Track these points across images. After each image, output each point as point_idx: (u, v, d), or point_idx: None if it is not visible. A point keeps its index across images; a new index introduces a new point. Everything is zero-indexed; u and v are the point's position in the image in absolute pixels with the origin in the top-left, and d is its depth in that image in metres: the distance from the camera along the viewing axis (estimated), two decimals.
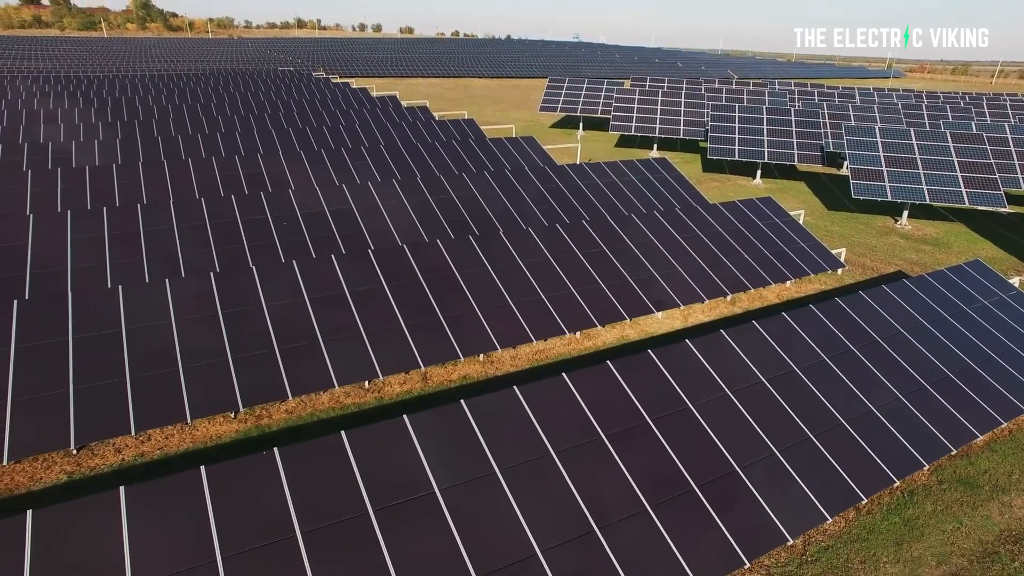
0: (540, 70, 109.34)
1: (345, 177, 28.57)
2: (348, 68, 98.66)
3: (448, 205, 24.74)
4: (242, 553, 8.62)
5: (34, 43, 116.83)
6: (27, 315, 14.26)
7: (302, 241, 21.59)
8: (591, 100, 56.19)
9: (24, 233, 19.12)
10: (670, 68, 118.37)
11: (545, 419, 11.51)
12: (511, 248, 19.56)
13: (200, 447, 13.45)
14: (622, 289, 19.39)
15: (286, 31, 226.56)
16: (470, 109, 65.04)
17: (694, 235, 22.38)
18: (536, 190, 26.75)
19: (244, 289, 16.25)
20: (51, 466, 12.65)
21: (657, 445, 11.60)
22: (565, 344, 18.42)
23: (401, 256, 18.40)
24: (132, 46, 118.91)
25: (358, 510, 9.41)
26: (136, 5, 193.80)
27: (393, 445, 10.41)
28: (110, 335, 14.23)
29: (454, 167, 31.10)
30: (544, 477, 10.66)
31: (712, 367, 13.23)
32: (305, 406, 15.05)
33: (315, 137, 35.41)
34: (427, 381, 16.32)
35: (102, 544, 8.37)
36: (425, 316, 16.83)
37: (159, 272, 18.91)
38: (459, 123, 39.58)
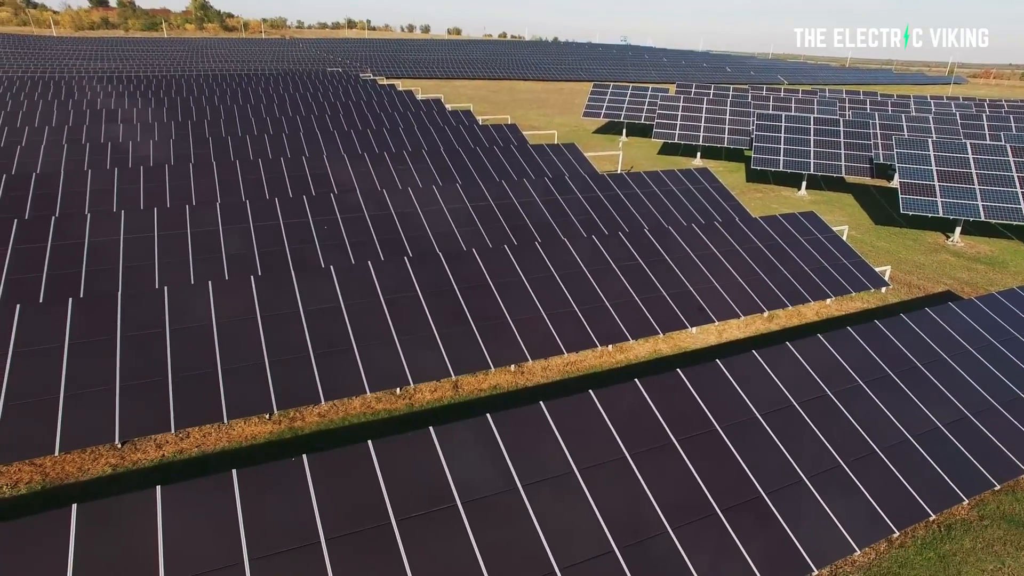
0: (586, 74, 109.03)
1: (387, 181, 29.04)
2: (395, 69, 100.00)
3: (486, 212, 24.93)
4: (268, 557, 8.91)
5: (101, 44, 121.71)
6: (80, 312, 14.95)
7: (341, 244, 22.05)
8: (635, 106, 55.83)
9: (82, 231, 20.01)
10: (718, 73, 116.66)
11: (570, 435, 11.55)
12: (546, 259, 19.63)
13: (235, 446, 13.89)
14: (656, 303, 19.27)
15: (336, 31, 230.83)
16: (514, 113, 65.28)
17: (732, 249, 22.08)
18: (575, 199, 26.75)
19: (283, 292, 16.70)
20: (97, 458, 13.25)
21: (682, 467, 11.54)
22: (597, 356, 18.40)
23: (436, 263, 18.64)
24: (190, 46, 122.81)
25: (381, 519, 9.62)
26: (195, 6, 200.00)
27: (418, 456, 10.59)
28: (155, 334, 14.82)
29: (495, 173, 31.30)
30: (567, 494, 10.71)
31: (742, 389, 13.07)
32: (337, 410, 15.39)
33: (359, 140, 36.07)
34: (458, 389, 16.51)
35: (138, 540, 8.76)
36: (457, 325, 17.03)
37: (203, 272, 19.56)
38: (501, 128, 39.80)
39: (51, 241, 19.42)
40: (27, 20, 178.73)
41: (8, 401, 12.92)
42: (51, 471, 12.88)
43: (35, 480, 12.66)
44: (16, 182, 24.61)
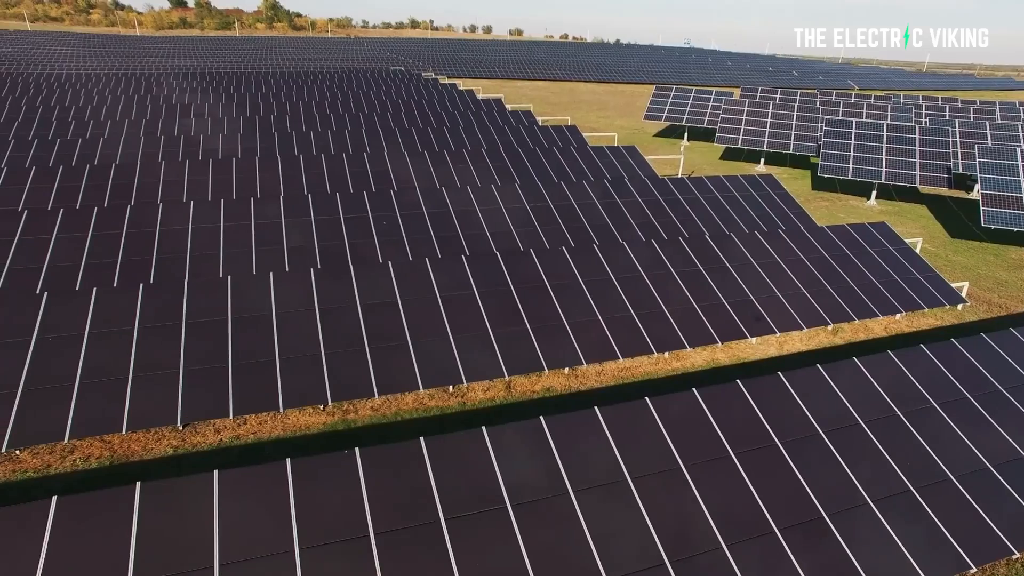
0: (648, 76, 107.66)
1: (446, 179, 29.25)
2: (456, 69, 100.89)
3: (545, 213, 24.81)
4: (318, 547, 9.01)
5: (179, 42, 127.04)
6: (150, 297, 15.53)
7: (399, 241, 22.29)
8: (698, 110, 54.77)
9: (154, 220, 20.82)
10: (784, 77, 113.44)
11: (624, 442, 11.32)
12: (604, 262, 19.37)
13: (290, 435, 14.17)
14: (716, 311, 18.77)
15: (400, 31, 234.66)
16: (574, 114, 64.96)
17: (796, 259, 21.34)
18: (634, 202, 26.36)
19: (341, 286, 16.97)
20: (160, 439, 13.73)
21: (739, 481, 11.16)
22: (652, 363, 18.06)
23: (493, 263, 18.62)
24: (260, 44, 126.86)
25: (430, 517, 9.61)
26: (266, 6, 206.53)
27: (470, 455, 10.55)
28: (217, 322, 15.26)
29: (554, 174, 31.14)
30: (618, 503, 10.49)
31: (805, 404, 12.57)
32: (390, 405, 15.53)
33: (420, 138, 36.46)
34: (511, 390, 16.44)
35: (196, 521, 8.99)
36: (513, 325, 16.96)
37: (265, 263, 20.07)
38: (561, 129, 39.60)
39: (126, 229, 20.27)
40: (115, 21, 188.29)
41: (83, 379, 13.52)
42: (118, 448, 13.41)
43: (104, 456, 13.20)
44: (98, 172, 25.82)
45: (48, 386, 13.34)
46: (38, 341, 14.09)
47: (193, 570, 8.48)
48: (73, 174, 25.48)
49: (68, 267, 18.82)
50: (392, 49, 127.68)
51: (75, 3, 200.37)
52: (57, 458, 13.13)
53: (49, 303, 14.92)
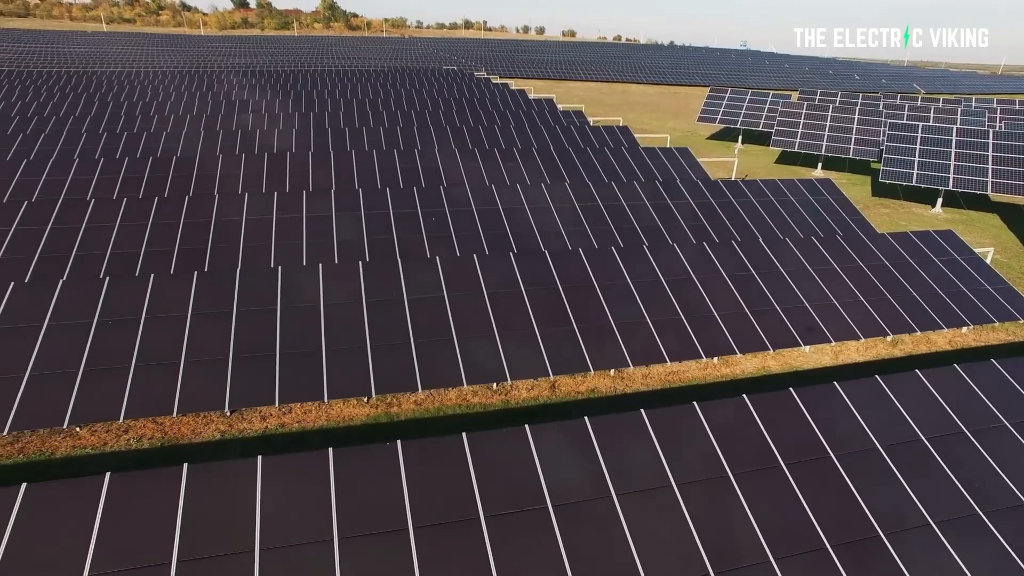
0: (701, 78, 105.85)
1: (495, 177, 29.23)
2: (508, 69, 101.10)
3: (594, 213, 24.54)
4: (357, 537, 9.00)
5: (240, 41, 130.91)
6: (203, 285, 15.91)
7: (448, 237, 22.34)
8: (753, 112, 53.51)
9: (210, 211, 21.38)
10: (845, 80, 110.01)
11: (670, 447, 11.02)
12: (654, 263, 19.01)
13: (333, 426, 14.31)
14: (768, 317, 18.20)
15: (453, 31, 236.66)
16: (626, 116, 64.30)
17: (855, 266, 20.54)
18: (686, 204, 25.85)
19: (388, 280, 17.07)
20: (208, 423, 14.04)
21: (789, 493, 10.73)
22: (701, 368, 17.63)
23: (541, 261, 18.47)
24: (317, 43, 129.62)
25: (470, 514, 9.51)
26: (324, 7, 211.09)
27: (512, 453, 10.42)
28: (267, 311, 15.52)
29: (604, 174, 30.81)
30: (662, 509, 10.20)
31: (862, 416, 12.02)
32: (433, 400, 15.54)
33: (470, 136, 36.57)
34: (555, 390, 16.27)
35: (239, 505, 9.10)
36: (559, 324, 16.77)
37: (315, 256, 20.37)
38: (613, 129, 39.20)
39: (183, 218, 20.86)
40: (181, 22, 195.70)
41: (138, 362, 13.92)
42: (169, 430, 13.78)
43: (156, 437, 13.58)
44: (160, 164, 26.69)
45: (106, 367, 13.79)
46: (98, 323, 14.58)
47: (234, 553, 8.58)
48: (137, 166, 26.39)
49: (129, 254, 19.47)
50: (445, 49, 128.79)
51: (147, 5, 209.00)
52: (113, 436, 13.57)
53: (110, 288, 15.43)
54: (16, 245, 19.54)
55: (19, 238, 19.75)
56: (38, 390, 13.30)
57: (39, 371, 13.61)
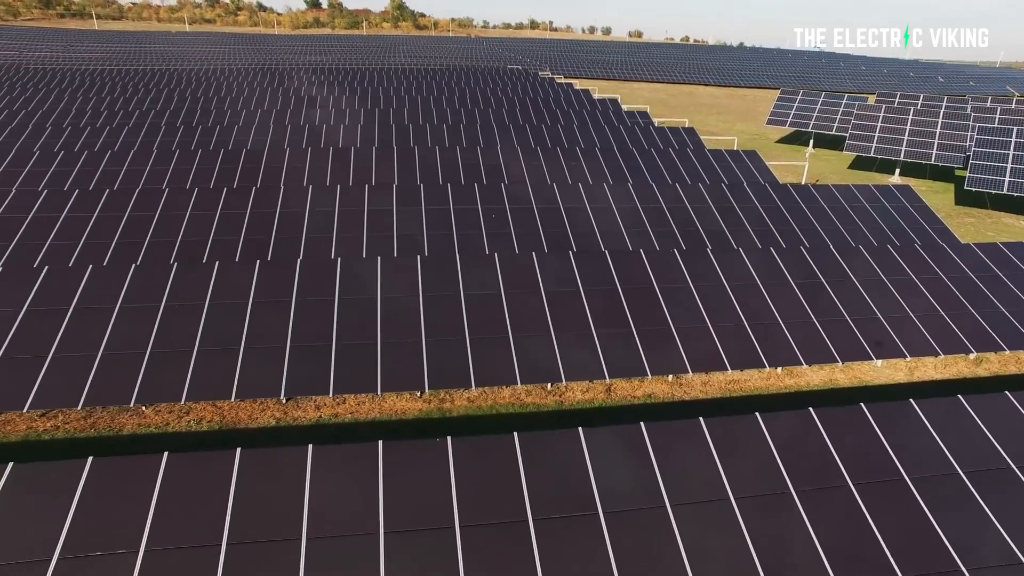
0: (772, 80, 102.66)
1: (557, 176, 28.96)
2: (573, 69, 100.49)
3: (657, 214, 23.98)
4: (403, 532, 8.92)
5: (311, 40, 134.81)
6: (265, 274, 16.24)
7: (507, 234, 22.21)
8: (826, 115, 51.48)
9: (275, 202, 21.88)
10: (927, 82, 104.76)
11: (729, 459, 10.55)
12: (717, 267, 18.38)
13: (386, 418, 14.35)
14: (837, 327, 17.32)
15: (519, 31, 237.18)
16: (692, 118, 62.94)
17: (935, 277, 19.35)
18: (752, 208, 24.97)
19: (446, 275, 17.03)
20: (264, 410, 14.30)
21: (857, 515, 10.09)
22: (763, 378, 16.93)
23: (601, 261, 18.11)
24: (384, 42, 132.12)
25: (518, 516, 9.30)
26: (393, 6, 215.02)
27: (564, 456, 10.16)
28: (325, 302, 15.71)
29: (668, 176, 30.13)
30: (718, 523, 9.75)
31: (942, 438, 11.22)
32: (487, 397, 15.41)
33: (533, 134, 36.39)
34: (611, 393, 15.91)
35: (288, 492, 9.16)
36: (617, 326, 16.39)
37: (374, 249, 20.57)
38: (678, 131, 38.34)
39: (249, 209, 21.42)
40: (257, 22, 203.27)
41: (201, 347, 14.30)
42: (227, 415, 14.10)
43: (214, 420, 13.92)
44: (230, 156, 27.54)
45: (171, 350, 14.22)
46: (165, 308, 15.06)
47: (282, 540, 8.62)
48: (209, 158, 27.30)
49: (197, 242, 20.11)
50: (510, 48, 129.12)
51: (226, 6, 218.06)
52: (175, 417, 13.98)
53: (178, 274, 15.92)
54: (98, 230, 20.44)
55: (100, 223, 20.66)
56: (109, 369, 13.82)
57: (111, 351, 14.14)
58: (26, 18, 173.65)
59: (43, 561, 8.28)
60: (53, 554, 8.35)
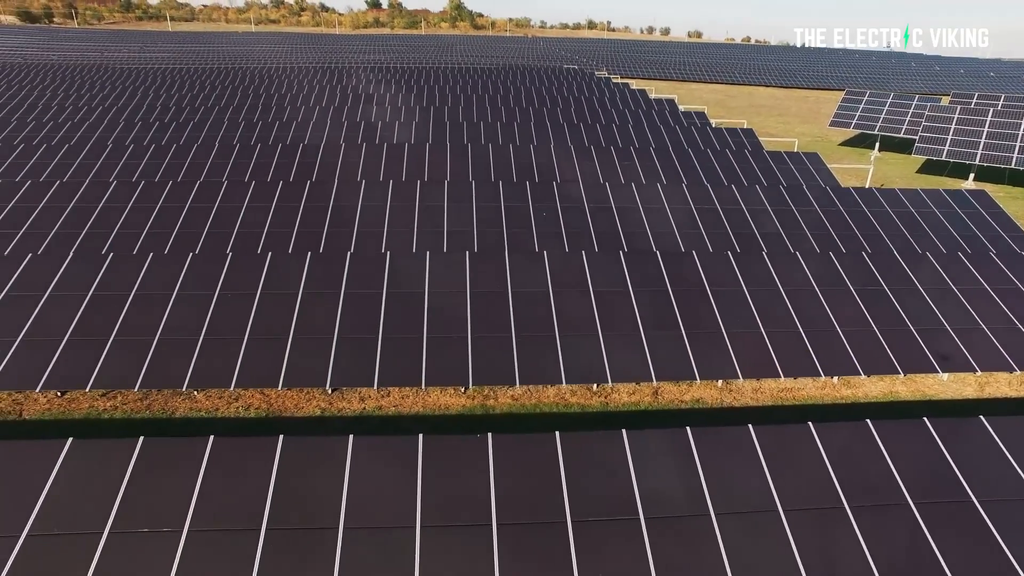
0: (836, 81, 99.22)
1: (610, 175, 28.60)
2: (630, 69, 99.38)
3: (711, 216, 23.38)
4: (439, 527, 8.86)
5: (371, 40, 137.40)
6: (316, 266, 16.49)
7: (558, 233, 22.00)
8: (895, 117, 49.37)
9: (328, 196, 22.24)
10: (1011, 83, 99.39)
11: (779, 469, 10.12)
12: (773, 271, 17.77)
13: (429, 413, 14.35)
14: (899, 337, 16.50)
15: (576, 32, 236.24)
16: (751, 119, 61.37)
17: (1011, 288, 18.23)
18: (811, 212, 24.08)
19: (494, 272, 16.96)
20: (311, 399, 14.50)
21: (916, 535, 9.53)
22: (818, 387, 16.28)
23: (652, 262, 17.74)
24: (442, 42, 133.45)
25: (557, 516, 9.12)
26: (451, 7, 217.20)
27: (606, 458, 9.93)
28: (373, 295, 15.83)
29: (724, 177, 29.38)
30: (764, 534, 9.35)
31: (1017, 460, 10.51)
32: (531, 396, 15.26)
33: (587, 134, 36.06)
34: (657, 396, 15.55)
35: (327, 481, 9.22)
36: (666, 328, 16.00)
37: (424, 244, 20.67)
38: (736, 132, 37.39)
39: (304, 202, 21.84)
40: (319, 22, 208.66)
41: (251, 335, 14.60)
42: (274, 402, 14.36)
43: (262, 407, 14.19)
44: (288, 151, 28.18)
45: (222, 337, 14.57)
46: (219, 296, 15.44)
47: (320, 528, 8.67)
48: (268, 152, 28.00)
49: (252, 233, 20.60)
50: (567, 48, 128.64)
51: (290, 7, 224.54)
52: (224, 403, 14.33)
53: (232, 263, 16.31)
54: (160, 220, 21.18)
55: (163, 214, 21.40)
56: (164, 354, 14.26)
57: (167, 336, 14.59)
58: (109, 22, 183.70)
59: (95, 534, 8.55)
60: (104, 528, 8.61)
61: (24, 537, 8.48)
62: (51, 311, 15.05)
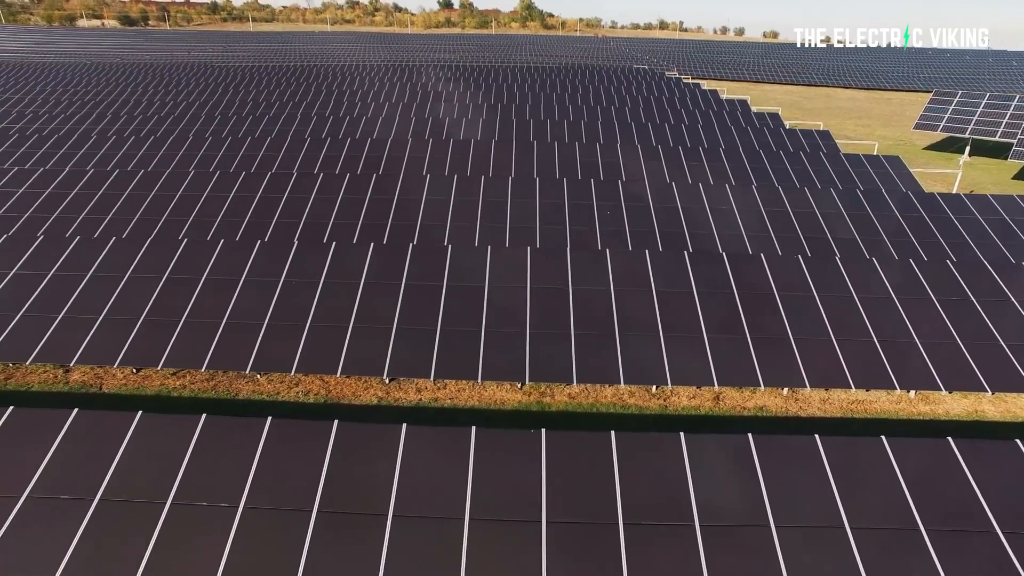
0: (923, 83, 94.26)
1: (677, 175, 27.94)
2: (701, 70, 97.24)
3: (781, 219, 22.50)
4: (488, 521, 8.75)
5: (442, 39, 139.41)
6: (378, 257, 16.69)
7: (621, 232, 21.62)
8: (989, 119, 46.42)
9: (394, 189, 22.53)
10: None
11: (847, 483, 9.56)
12: (846, 277, 16.92)
13: (484, 407, 14.29)
14: (988, 352, 15.40)
15: (648, 32, 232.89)
16: (828, 121, 58.98)
17: None
18: (891, 217, 22.85)
19: (555, 268, 16.77)
20: (368, 388, 14.67)
21: (1004, 565, 8.81)
22: (892, 401, 15.38)
23: (718, 264, 17.18)
24: (512, 41, 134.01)
25: (608, 518, 8.87)
26: (522, 6, 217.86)
27: (662, 460, 9.61)
28: (433, 287, 15.90)
29: (796, 180, 28.26)
30: (829, 552, 8.84)
31: None
32: (588, 395, 15.00)
33: (655, 133, 35.38)
34: (719, 402, 15.03)
35: (378, 469, 9.25)
36: (730, 332, 15.45)
37: (486, 238, 20.66)
38: (811, 133, 35.94)
39: (369, 195, 22.19)
40: (392, 22, 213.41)
41: (313, 322, 14.89)
42: (333, 389, 14.59)
43: (320, 393, 14.45)
44: (356, 145, 28.76)
45: (286, 323, 14.92)
46: (284, 283, 15.83)
47: (370, 513, 8.70)
48: (337, 145, 28.63)
49: (319, 224, 21.07)
50: (638, 48, 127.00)
51: (364, 8, 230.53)
52: (285, 387, 14.66)
53: (297, 252, 16.70)
54: (232, 208, 21.93)
55: (235, 203, 22.15)
56: (231, 337, 14.71)
57: (233, 320, 15.05)
58: (197, 23, 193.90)
59: (158, 504, 8.84)
60: (167, 499, 8.90)
61: (97, 501, 8.85)
62: (130, 292, 15.77)
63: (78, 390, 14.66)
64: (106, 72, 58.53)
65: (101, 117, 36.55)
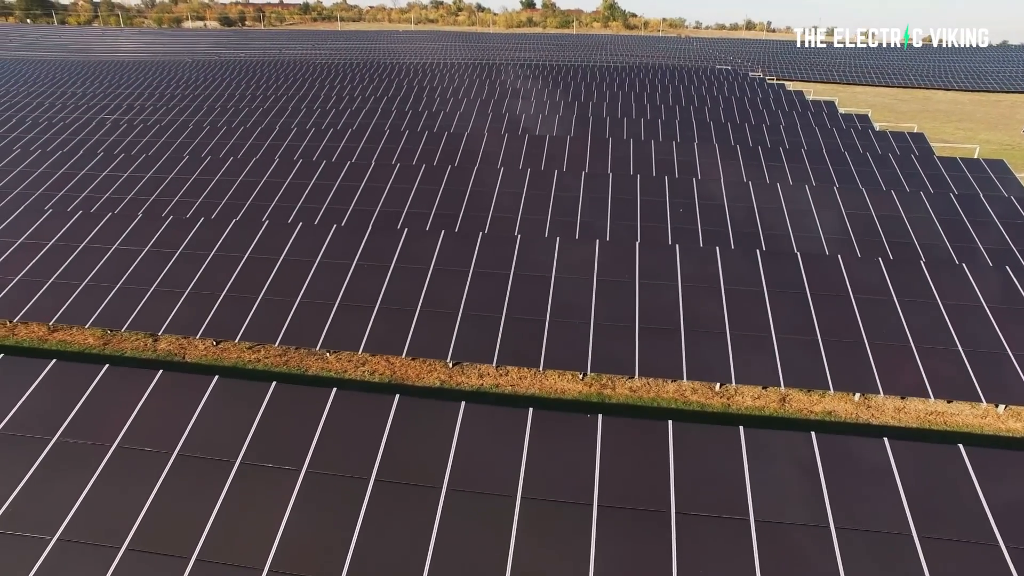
0: None
1: (754, 175, 27.17)
2: (787, 71, 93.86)
3: (863, 222, 21.54)
4: (539, 501, 8.85)
5: (524, 38, 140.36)
6: (449, 244, 17.06)
7: (693, 230, 21.25)
8: None
9: (467, 181, 22.93)
10: None
11: (917, 492, 9.12)
12: (931, 282, 16.06)
13: (545, 395, 14.37)
14: None
15: (733, 32, 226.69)
16: (923, 124, 55.83)
17: None
18: (989, 224, 21.48)
19: (623, 261, 16.67)
20: (432, 371, 15.01)
21: None
22: (977, 415, 14.50)
23: (791, 263, 16.65)
24: (593, 41, 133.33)
25: (660, 506, 8.80)
26: (604, 6, 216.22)
27: (719, 454, 9.44)
28: (500, 276, 16.11)
29: (883, 183, 26.97)
30: (893, 560, 8.46)
31: None
32: (649, 389, 14.85)
33: (734, 133, 34.52)
34: (784, 404, 14.58)
35: (435, 444, 9.50)
36: (801, 333, 14.95)
37: (556, 231, 20.74)
38: (903, 136, 34.18)
39: (444, 185, 22.66)
40: (475, 21, 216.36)
41: (382, 304, 15.39)
42: (398, 371, 15.02)
43: (385, 373, 14.90)
44: (434, 137, 29.41)
45: (356, 304, 15.49)
46: (356, 266, 16.41)
47: (425, 486, 8.96)
48: (415, 138, 29.36)
49: (394, 212, 21.70)
50: (721, 49, 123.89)
51: (448, 7, 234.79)
52: (353, 366, 15.19)
53: (370, 237, 17.27)
54: (312, 196, 22.87)
55: (315, 190, 23.10)
56: (303, 315, 15.40)
57: (307, 299, 15.74)
58: (289, 23, 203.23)
59: (228, 462, 9.39)
60: (237, 458, 9.44)
61: (175, 456, 9.49)
62: (215, 269, 16.73)
63: (164, 358, 15.68)
64: (206, 69, 62.06)
65: (197, 110, 38.78)
